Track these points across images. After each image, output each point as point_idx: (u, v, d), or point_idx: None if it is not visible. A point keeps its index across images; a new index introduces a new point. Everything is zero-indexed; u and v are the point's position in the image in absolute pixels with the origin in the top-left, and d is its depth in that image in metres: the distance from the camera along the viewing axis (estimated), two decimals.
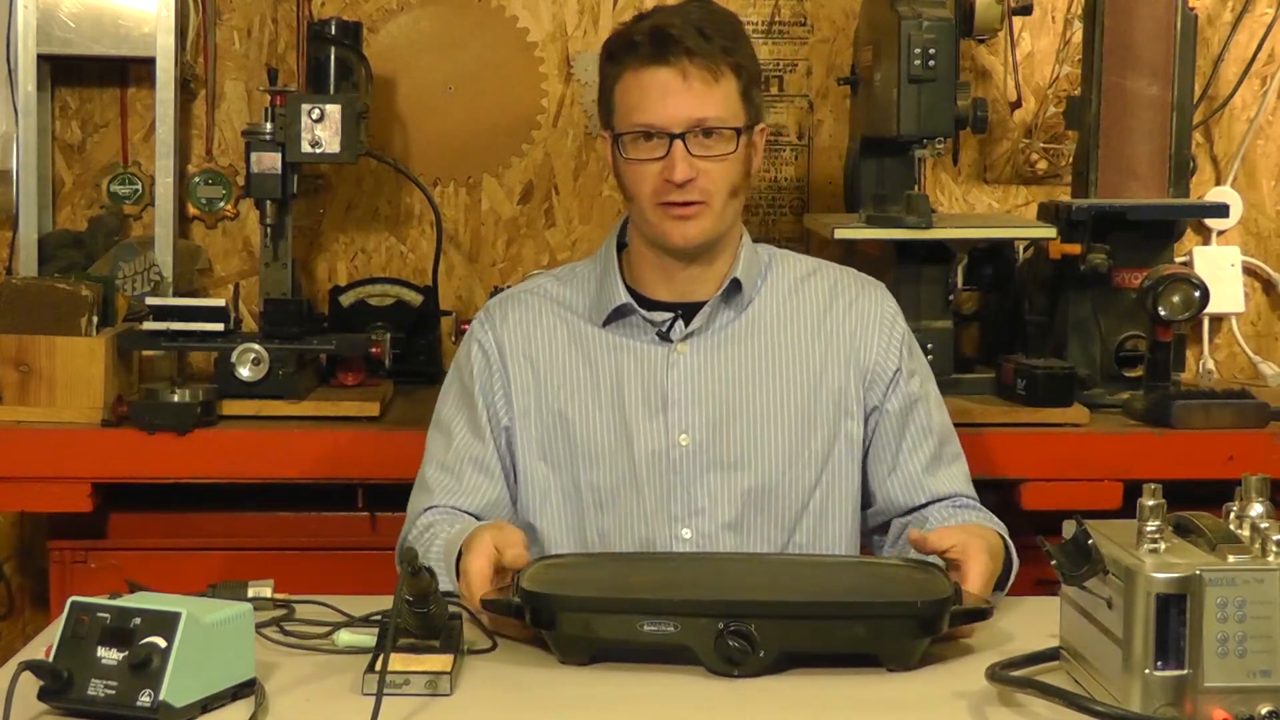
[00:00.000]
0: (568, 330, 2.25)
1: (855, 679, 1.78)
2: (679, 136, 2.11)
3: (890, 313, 2.28)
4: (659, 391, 2.19)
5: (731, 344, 2.21)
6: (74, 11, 3.23)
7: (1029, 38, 3.47)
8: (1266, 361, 3.48)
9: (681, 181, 2.11)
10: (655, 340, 2.22)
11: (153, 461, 2.79)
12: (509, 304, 2.30)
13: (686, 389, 2.19)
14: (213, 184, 3.41)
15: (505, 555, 1.92)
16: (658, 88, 2.12)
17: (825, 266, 2.32)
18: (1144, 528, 1.61)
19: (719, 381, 2.20)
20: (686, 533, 2.17)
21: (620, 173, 2.20)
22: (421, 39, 3.44)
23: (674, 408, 2.18)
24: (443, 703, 1.70)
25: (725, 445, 2.18)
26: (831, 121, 3.48)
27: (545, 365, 2.24)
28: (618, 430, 2.19)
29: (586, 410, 2.21)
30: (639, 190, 2.16)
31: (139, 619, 1.62)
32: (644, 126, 2.13)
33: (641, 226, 2.21)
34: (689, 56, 2.11)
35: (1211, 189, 3.49)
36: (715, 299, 2.21)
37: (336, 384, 3.05)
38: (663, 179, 2.13)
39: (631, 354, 2.22)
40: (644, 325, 2.22)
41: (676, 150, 2.11)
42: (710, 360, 2.20)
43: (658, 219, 2.16)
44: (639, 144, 2.14)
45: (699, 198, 2.14)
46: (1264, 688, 1.56)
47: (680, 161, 2.11)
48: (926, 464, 2.25)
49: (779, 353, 2.22)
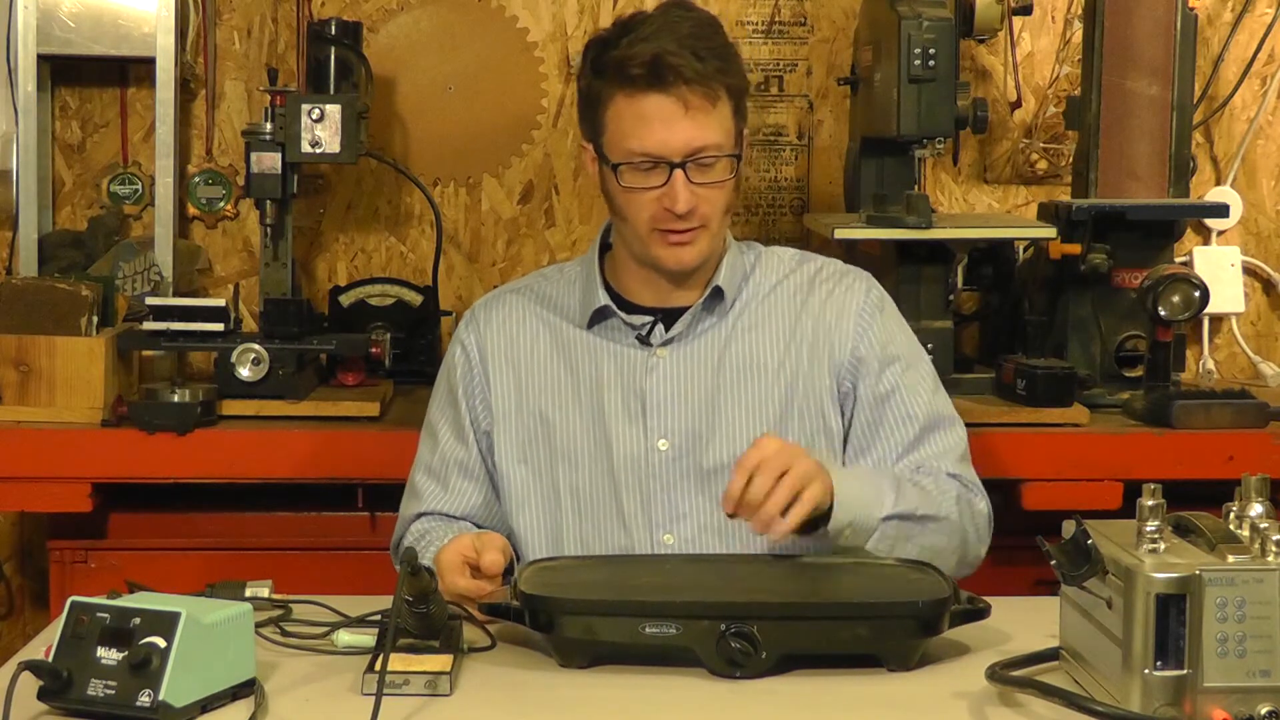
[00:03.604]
0: (550, 332, 2.24)
1: (855, 679, 1.78)
2: (679, 165, 2.08)
3: (866, 301, 2.22)
4: (637, 395, 2.18)
5: (711, 349, 2.20)
6: (74, 11, 3.23)
7: (1029, 38, 3.47)
8: (1266, 361, 3.48)
9: (684, 213, 2.10)
10: (635, 344, 2.20)
11: (152, 461, 2.79)
12: (494, 305, 2.29)
13: (665, 393, 2.18)
14: (213, 184, 3.41)
15: (482, 558, 1.94)
16: (658, 117, 2.07)
17: (810, 259, 2.29)
18: (1144, 528, 1.61)
19: (698, 386, 2.18)
20: (669, 538, 2.16)
21: (612, 195, 2.15)
22: (421, 39, 3.44)
23: (653, 412, 2.17)
24: (442, 703, 1.70)
25: (705, 450, 2.16)
26: (831, 121, 3.48)
27: (526, 367, 2.23)
28: (596, 433, 2.18)
29: (566, 412, 2.20)
30: (634, 216, 2.13)
31: (139, 619, 1.62)
32: (644, 156, 2.09)
33: (633, 245, 2.18)
34: (687, 84, 2.06)
35: (1211, 189, 3.49)
36: (697, 306, 2.19)
37: (336, 384, 3.05)
38: (662, 207, 2.10)
39: (611, 357, 2.20)
40: (624, 328, 2.21)
41: (678, 180, 2.08)
42: (689, 365, 2.19)
43: (654, 244, 2.13)
44: (637, 174, 2.10)
45: (697, 223, 2.12)
46: (1264, 688, 1.56)
47: (683, 191, 2.08)
48: (902, 450, 2.20)
49: (756, 356, 2.20)
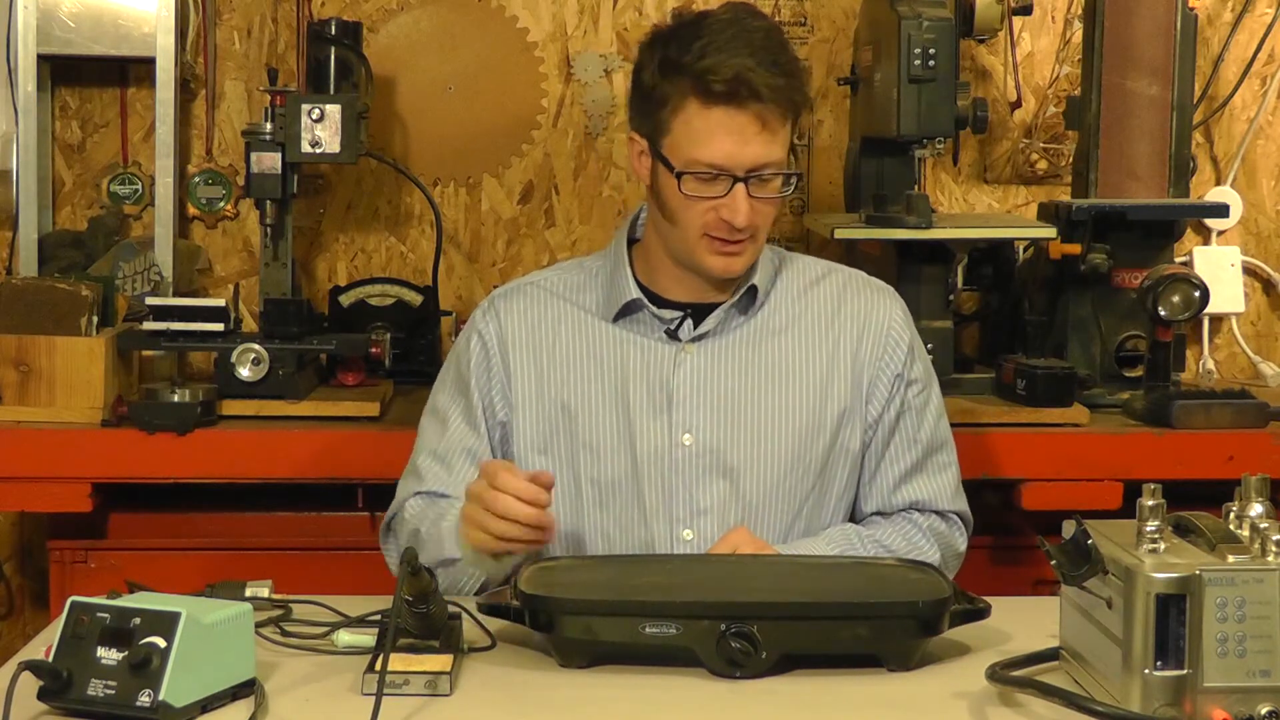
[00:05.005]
0: (572, 323, 2.24)
1: (855, 679, 1.78)
2: (742, 179, 2.09)
3: (897, 321, 2.26)
4: (664, 389, 2.18)
5: (740, 347, 2.21)
6: (74, 11, 3.23)
7: (1029, 38, 3.47)
8: (1266, 361, 3.48)
9: (742, 227, 2.10)
10: (663, 338, 2.21)
11: (152, 461, 2.79)
12: (513, 295, 2.28)
13: (692, 389, 2.18)
14: (213, 184, 3.41)
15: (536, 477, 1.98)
16: (732, 132, 2.07)
17: (836, 270, 2.30)
18: (1144, 528, 1.61)
19: (725, 384, 2.19)
20: (688, 534, 2.17)
21: (665, 197, 2.14)
22: (421, 39, 3.44)
23: (679, 407, 2.18)
24: (442, 703, 1.70)
25: (729, 448, 2.17)
26: (831, 121, 3.48)
27: (549, 356, 2.23)
28: (620, 425, 2.18)
29: (590, 403, 2.20)
30: (687, 220, 2.13)
31: (139, 619, 1.62)
32: (711, 167, 2.09)
33: (677, 248, 2.17)
34: (763, 103, 2.06)
35: (1211, 189, 3.49)
36: (729, 304, 2.20)
37: (336, 384, 3.05)
38: (719, 217, 2.10)
39: (638, 350, 2.21)
40: (652, 322, 2.21)
41: (739, 194, 2.09)
42: (717, 362, 2.20)
43: (701, 251, 2.14)
44: (699, 182, 2.10)
45: (749, 235, 2.13)
46: (1263, 688, 1.56)
47: (743, 205, 2.08)
48: (902, 475, 2.24)
49: (786, 359, 2.21)
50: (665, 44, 2.13)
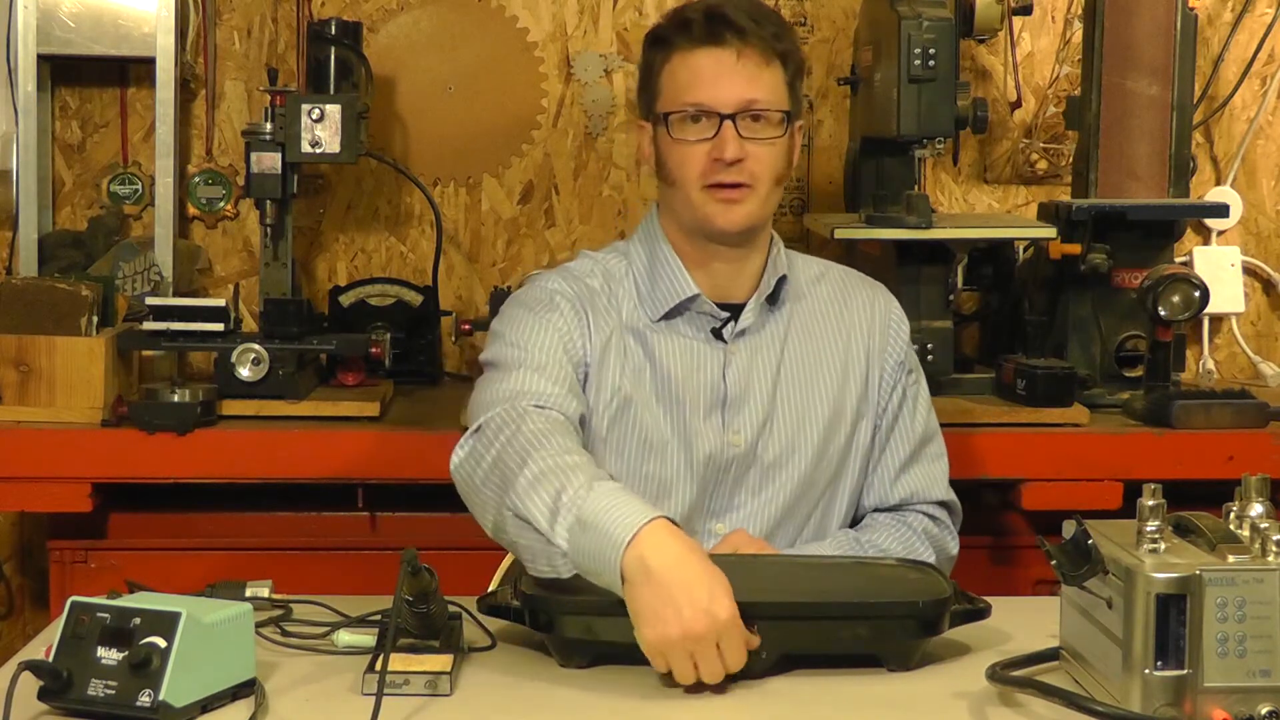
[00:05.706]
0: (617, 315, 2.20)
1: (855, 679, 1.78)
2: (729, 117, 2.10)
3: (895, 312, 2.30)
4: (715, 389, 2.18)
5: (773, 343, 2.22)
6: (74, 11, 3.23)
7: (1029, 38, 3.47)
8: (1266, 361, 3.48)
9: (731, 160, 2.10)
10: (709, 338, 2.20)
11: (152, 461, 2.79)
12: (561, 277, 2.22)
13: (741, 388, 2.19)
14: (213, 184, 3.41)
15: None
16: (711, 67, 2.11)
17: (831, 268, 2.32)
18: (1144, 528, 1.61)
19: (764, 380, 2.20)
20: (720, 527, 2.18)
21: (664, 156, 2.16)
22: (421, 39, 3.44)
23: (730, 407, 2.18)
24: (443, 703, 1.70)
25: (767, 444, 2.18)
26: (831, 121, 3.48)
27: (612, 340, 2.18)
28: (676, 425, 2.17)
29: (646, 398, 2.17)
30: (684, 173, 2.13)
31: (139, 619, 1.62)
32: (695, 105, 2.11)
33: (683, 212, 2.17)
34: (742, 38, 2.11)
35: (1211, 189, 3.50)
36: (760, 298, 2.20)
37: (336, 384, 3.05)
38: (711, 159, 2.11)
39: (685, 349, 2.19)
40: (697, 320, 2.20)
41: (726, 130, 2.10)
42: (757, 359, 2.20)
43: (703, 201, 2.13)
44: (687, 125, 2.12)
45: (746, 180, 2.12)
46: (1264, 688, 1.56)
47: (731, 141, 2.10)
48: (900, 465, 2.26)
49: (810, 354, 2.23)
50: (655, 28, 2.22)
